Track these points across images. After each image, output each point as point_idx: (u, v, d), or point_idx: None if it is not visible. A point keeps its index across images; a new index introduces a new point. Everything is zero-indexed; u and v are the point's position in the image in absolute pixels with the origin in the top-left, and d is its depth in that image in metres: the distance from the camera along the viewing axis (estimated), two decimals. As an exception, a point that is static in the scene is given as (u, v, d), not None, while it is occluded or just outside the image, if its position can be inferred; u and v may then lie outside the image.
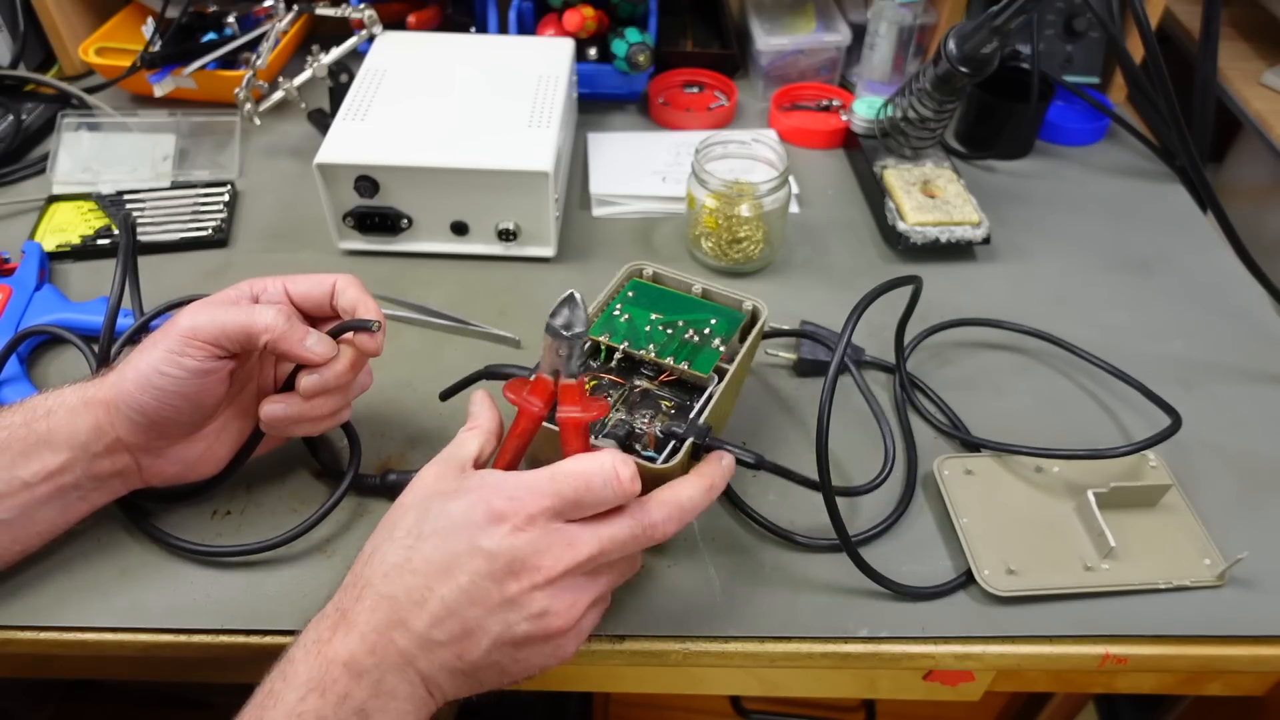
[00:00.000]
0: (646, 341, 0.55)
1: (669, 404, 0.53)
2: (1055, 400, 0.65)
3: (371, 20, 0.82)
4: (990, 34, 0.69)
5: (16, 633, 0.50)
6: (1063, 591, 0.52)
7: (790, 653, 0.51)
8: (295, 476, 0.57)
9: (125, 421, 0.48)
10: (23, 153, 0.83)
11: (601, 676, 0.59)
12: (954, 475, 0.58)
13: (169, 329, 0.47)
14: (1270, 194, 0.96)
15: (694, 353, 0.54)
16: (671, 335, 0.55)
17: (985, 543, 0.54)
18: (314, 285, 0.51)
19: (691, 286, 0.59)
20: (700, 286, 0.58)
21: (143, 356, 0.47)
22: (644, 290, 0.59)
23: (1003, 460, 0.59)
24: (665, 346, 0.55)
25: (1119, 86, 0.94)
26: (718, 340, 0.55)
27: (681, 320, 0.56)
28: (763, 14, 0.97)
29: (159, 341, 0.47)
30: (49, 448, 0.47)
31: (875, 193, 0.79)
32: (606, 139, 0.88)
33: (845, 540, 0.50)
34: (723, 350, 0.55)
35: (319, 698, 0.38)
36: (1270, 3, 1.00)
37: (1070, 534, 0.55)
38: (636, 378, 0.55)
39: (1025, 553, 0.54)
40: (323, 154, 0.69)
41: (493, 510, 0.41)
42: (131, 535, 0.53)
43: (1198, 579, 0.53)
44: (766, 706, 1.09)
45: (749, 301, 0.57)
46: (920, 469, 0.59)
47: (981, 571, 0.53)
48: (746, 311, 0.57)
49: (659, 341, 0.55)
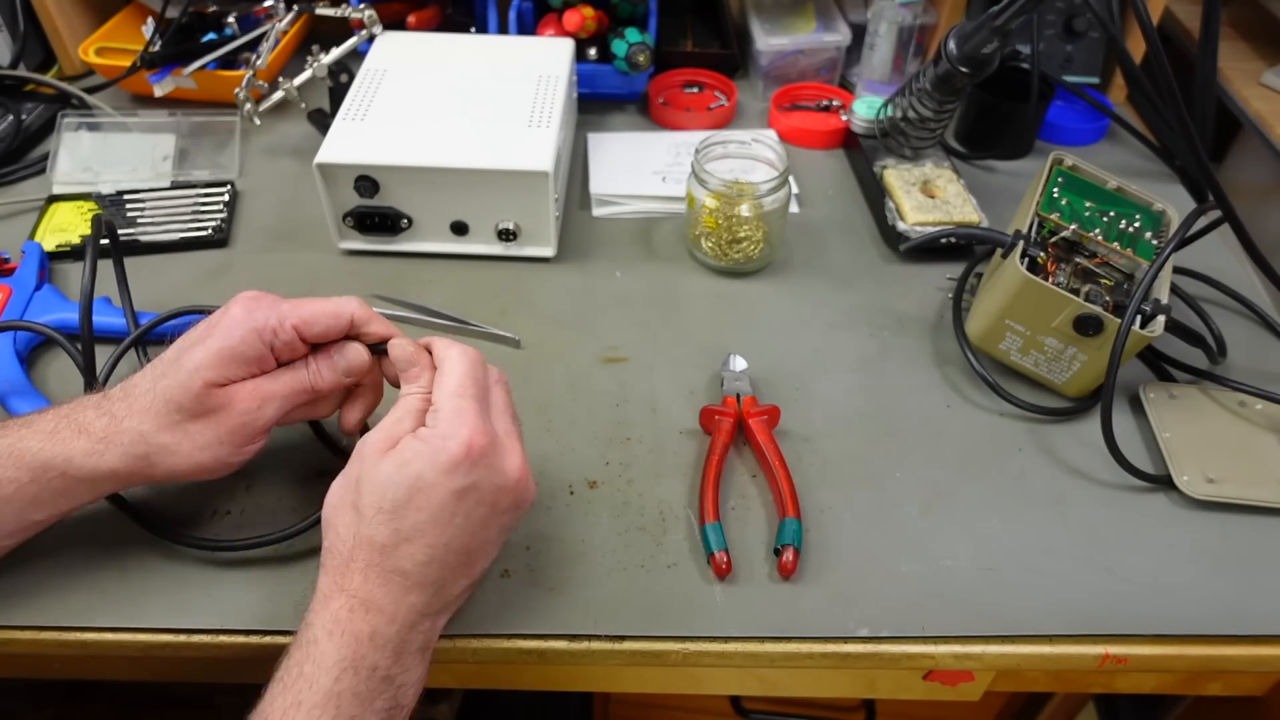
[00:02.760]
0: (1090, 226, 0.62)
1: (1107, 281, 0.61)
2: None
3: (371, 20, 0.82)
4: (990, 34, 0.69)
5: (16, 633, 0.50)
6: (1259, 504, 0.57)
7: (790, 653, 0.51)
8: (295, 476, 0.57)
9: (160, 482, 0.50)
10: (23, 153, 0.83)
11: (601, 676, 0.59)
12: (1159, 399, 0.63)
13: (228, 427, 0.46)
14: (1270, 194, 0.96)
15: (1133, 241, 0.62)
16: (1109, 223, 0.62)
17: (1185, 454, 0.59)
18: (327, 321, 0.48)
19: (1107, 182, 0.65)
20: (1115, 183, 0.65)
21: (202, 451, 0.46)
22: (1070, 180, 0.65)
23: (1207, 392, 0.64)
24: (1107, 232, 0.62)
25: (1119, 86, 0.94)
26: (1149, 234, 0.63)
27: (1113, 211, 0.63)
28: (763, 14, 0.97)
29: (223, 439, 0.46)
30: (66, 500, 0.47)
31: (875, 193, 0.79)
32: (606, 139, 0.88)
33: (1107, 409, 0.58)
34: (1156, 243, 0.62)
35: (353, 675, 0.40)
36: (1270, 3, 1.00)
37: (1270, 460, 0.60)
38: (1076, 255, 0.62)
39: (1224, 467, 0.58)
40: (323, 154, 0.69)
41: (451, 455, 0.43)
42: (132, 535, 0.53)
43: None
44: (766, 706, 1.09)
45: (1158, 204, 0.64)
46: (1124, 394, 0.65)
47: (1181, 477, 0.58)
48: (1159, 212, 0.64)
49: (1100, 227, 0.62)
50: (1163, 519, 0.57)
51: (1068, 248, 0.63)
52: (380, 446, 0.44)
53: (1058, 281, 0.59)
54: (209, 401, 0.46)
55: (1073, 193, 0.65)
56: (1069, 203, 0.64)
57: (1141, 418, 0.63)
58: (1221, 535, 0.56)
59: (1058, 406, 0.63)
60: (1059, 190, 0.65)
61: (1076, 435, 0.62)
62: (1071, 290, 0.59)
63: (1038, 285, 0.57)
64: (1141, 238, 0.63)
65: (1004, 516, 0.57)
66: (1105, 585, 0.53)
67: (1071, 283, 0.61)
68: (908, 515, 0.57)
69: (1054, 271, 0.61)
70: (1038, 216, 0.62)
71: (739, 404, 0.60)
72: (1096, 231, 0.62)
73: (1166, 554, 0.55)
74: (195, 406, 0.45)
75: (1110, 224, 0.63)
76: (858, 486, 0.58)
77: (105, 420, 0.46)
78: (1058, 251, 0.62)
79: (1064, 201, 0.64)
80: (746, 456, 0.60)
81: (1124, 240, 0.62)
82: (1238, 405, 0.63)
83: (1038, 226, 0.63)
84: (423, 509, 0.42)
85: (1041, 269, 0.61)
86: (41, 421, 0.46)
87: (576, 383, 0.64)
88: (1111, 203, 0.65)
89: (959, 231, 0.68)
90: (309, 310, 0.48)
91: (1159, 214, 0.65)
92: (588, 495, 0.57)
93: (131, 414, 0.46)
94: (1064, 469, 0.60)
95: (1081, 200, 0.64)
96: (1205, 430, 0.61)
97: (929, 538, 0.56)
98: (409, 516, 0.42)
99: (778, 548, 0.53)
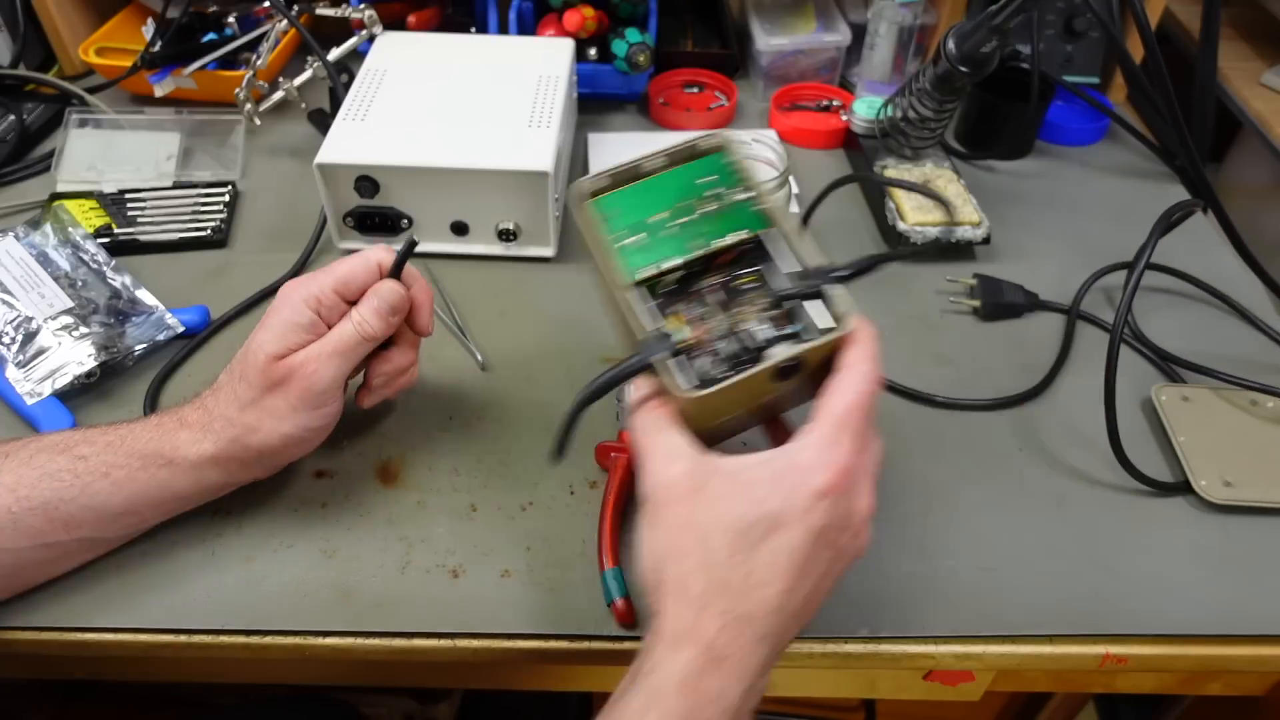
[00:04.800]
0: (685, 243, 0.46)
1: (748, 280, 0.47)
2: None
3: (371, 20, 0.82)
4: (990, 34, 0.69)
5: (16, 633, 0.50)
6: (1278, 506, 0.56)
7: (790, 653, 0.51)
8: (295, 477, 0.57)
9: (264, 468, 0.52)
10: (23, 152, 0.83)
11: (602, 676, 0.59)
12: (1171, 401, 0.62)
13: (297, 392, 0.49)
14: (1270, 194, 0.96)
15: (730, 217, 0.46)
16: (694, 220, 0.47)
17: (1202, 458, 0.58)
18: (361, 275, 0.52)
19: (640, 167, 0.48)
20: (649, 164, 0.48)
21: (283, 422, 0.50)
22: (620, 202, 0.47)
23: (1218, 392, 0.64)
24: (703, 233, 0.46)
25: (1119, 86, 0.94)
26: (736, 192, 0.47)
27: (685, 200, 0.47)
28: (763, 14, 0.97)
29: (295, 406, 0.50)
30: (170, 492, 0.50)
31: (875, 193, 0.79)
32: (606, 139, 0.88)
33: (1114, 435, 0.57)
34: (747, 195, 0.47)
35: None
36: (1270, 3, 1.00)
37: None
38: (699, 282, 0.47)
39: (1241, 470, 0.58)
40: (323, 154, 0.69)
41: (814, 490, 0.39)
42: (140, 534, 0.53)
43: None
44: (766, 706, 1.09)
45: (705, 139, 0.48)
46: (1136, 397, 0.64)
47: (1199, 482, 0.57)
48: (713, 147, 0.48)
49: (692, 235, 0.46)
50: (1163, 519, 0.57)
51: (683, 285, 0.47)
52: (697, 475, 0.40)
53: (715, 350, 0.45)
54: (275, 374, 0.49)
55: (638, 216, 0.47)
56: (645, 237, 0.46)
57: (1153, 419, 0.63)
58: (1222, 535, 0.56)
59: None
60: (617, 221, 0.46)
61: (1076, 435, 0.62)
62: (731, 335, 0.45)
63: (717, 394, 0.42)
64: (732, 199, 0.47)
65: (1004, 516, 0.57)
66: (1105, 585, 0.53)
67: (731, 324, 0.46)
68: (908, 515, 0.57)
69: (705, 341, 0.45)
70: (636, 289, 0.44)
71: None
72: (695, 244, 0.45)
73: (1167, 554, 0.55)
74: (264, 381, 0.49)
75: (696, 219, 0.46)
76: (858, 486, 0.58)
77: (200, 413, 0.50)
78: (683, 304, 0.46)
79: (634, 241, 0.46)
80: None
81: (722, 223, 0.46)
82: (1249, 404, 0.63)
83: (649, 298, 0.45)
84: (779, 550, 0.38)
85: (693, 348, 0.45)
86: (147, 420, 0.51)
87: (577, 383, 0.63)
88: (678, 185, 0.47)
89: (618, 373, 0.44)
90: (342, 270, 0.52)
91: (717, 151, 0.48)
92: (588, 495, 0.57)
93: (219, 403, 0.50)
94: (1064, 469, 0.60)
95: (641, 214, 0.46)
96: (1220, 432, 0.61)
97: (929, 538, 0.55)
98: (762, 557, 0.38)
99: None
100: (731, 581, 0.38)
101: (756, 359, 0.44)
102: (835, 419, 0.40)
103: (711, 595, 0.38)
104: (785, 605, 0.39)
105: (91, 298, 0.66)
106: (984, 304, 0.70)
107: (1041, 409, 0.64)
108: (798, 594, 0.39)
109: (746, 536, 0.39)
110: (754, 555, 0.38)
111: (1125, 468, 0.57)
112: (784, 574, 0.38)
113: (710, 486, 0.40)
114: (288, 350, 0.50)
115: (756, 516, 0.39)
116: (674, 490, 0.40)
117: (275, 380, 0.49)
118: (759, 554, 0.38)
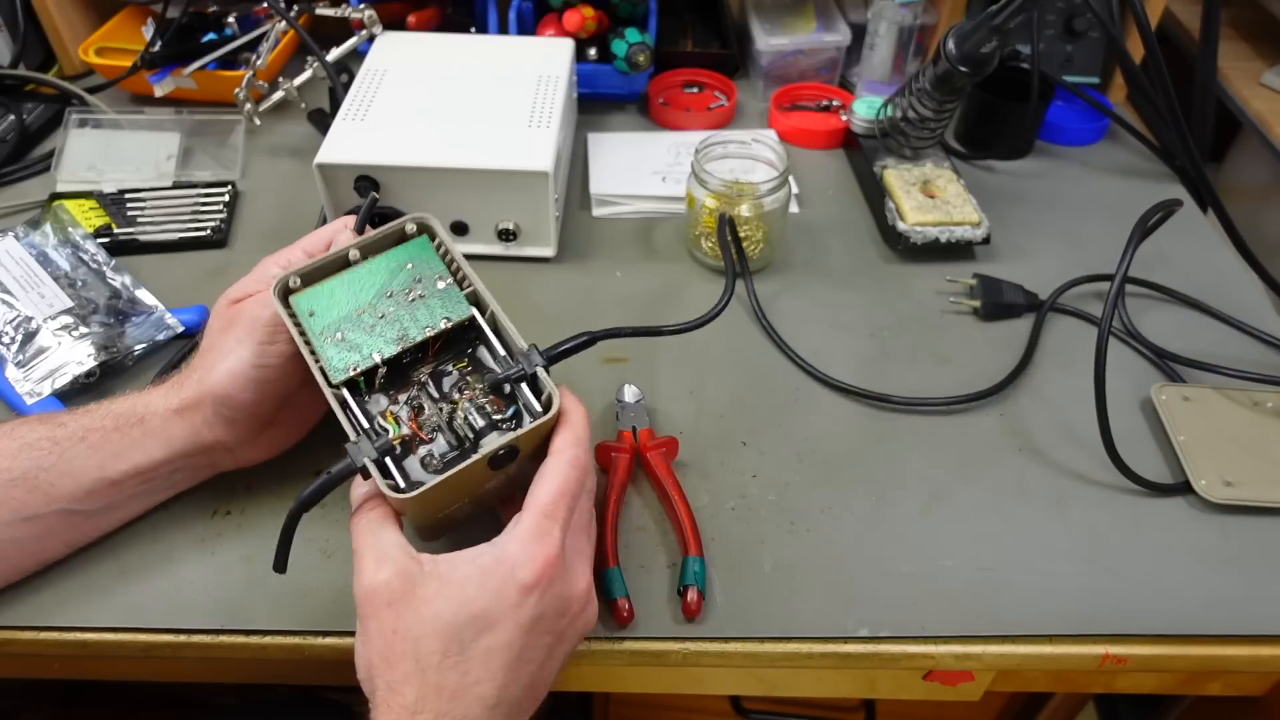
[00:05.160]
0: (389, 337, 0.46)
1: (462, 364, 0.48)
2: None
3: (371, 20, 0.82)
4: (989, 33, 0.69)
5: (16, 633, 0.50)
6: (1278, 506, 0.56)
7: (790, 653, 0.51)
8: (295, 477, 0.57)
9: (223, 422, 0.50)
10: (24, 152, 0.83)
11: (601, 676, 0.59)
12: (1171, 400, 0.62)
13: (244, 324, 0.49)
14: (1270, 194, 0.96)
15: (434, 306, 0.47)
16: (394, 312, 0.46)
17: (1202, 457, 0.58)
18: (328, 237, 0.52)
19: (347, 256, 0.48)
20: (352, 251, 0.48)
21: (229, 355, 0.49)
22: (317, 300, 0.46)
23: (1220, 391, 0.63)
24: (405, 325, 0.46)
25: (1119, 86, 0.94)
26: (436, 278, 0.48)
27: (388, 291, 0.47)
28: (763, 14, 0.97)
29: (241, 338, 0.48)
30: (142, 451, 0.49)
31: (875, 193, 0.79)
32: (606, 139, 0.88)
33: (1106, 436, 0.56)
34: (449, 281, 0.48)
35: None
36: (1270, 3, 1.00)
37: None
38: (416, 371, 0.48)
39: (1241, 469, 0.58)
40: (323, 154, 0.69)
41: (521, 585, 0.40)
42: (132, 535, 0.53)
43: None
44: (766, 706, 1.09)
45: (409, 223, 0.49)
46: (1136, 397, 0.64)
47: (1199, 481, 0.57)
48: (416, 233, 0.49)
49: (397, 327, 0.46)
50: (1163, 519, 0.57)
51: (400, 374, 0.47)
52: (401, 585, 0.40)
53: (431, 442, 0.45)
54: (229, 314, 0.50)
55: (336, 314, 0.46)
56: (343, 336, 0.45)
57: (1153, 419, 0.63)
58: (1221, 535, 0.56)
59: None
60: (325, 330, 0.46)
61: (1076, 435, 0.62)
62: (448, 426, 0.46)
63: (430, 492, 0.42)
64: (434, 287, 0.47)
65: (1004, 516, 0.57)
66: (1105, 585, 0.53)
67: (449, 413, 0.47)
68: (908, 515, 0.57)
69: (420, 435, 0.45)
70: (345, 389, 0.45)
71: (635, 437, 0.58)
72: (398, 337, 0.46)
73: (1166, 554, 0.55)
74: (220, 323, 0.50)
75: (397, 312, 0.46)
76: (858, 486, 0.58)
77: (176, 374, 0.51)
78: (401, 394, 0.47)
79: (339, 337, 0.45)
80: (646, 491, 0.58)
81: (427, 311, 0.46)
82: (1251, 404, 0.63)
83: (362, 393, 0.46)
84: (492, 650, 0.39)
85: (410, 441, 0.46)
86: (131, 391, 0.51)
87: (576, 383, 0.63)
88: (378, 277, 0.47)
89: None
90: (313, 236, 0.52)
91: (422, 235, 0.49)
92: (588, 495, 0.57)
93: (194, 360, 0.51)
94: (1064, 469, 0.60)
95: (340, 310, 0.46)
96: (1221, 431, 0.61)
97: (929, 538, 0.56)
98: (476, 657, 0.39)
99: (681, 588, 0.51)
100: (445, 685, 0.38)
101: (473, 449, 0.45)
102: (541, 509, 0.41)
103: (426, 701, 0.38)
104: (505, 698, 0.39)
105: (91, 298, 0.66)
106: (984, 304, 0.70)
107: (1042, 409, 0.64)
108: (517, 685, 0.40)
109: (459, 638, 0.39)
110: (467, 656, 0.39)
111: (1118, 467, 0.57)
112: (499, 670, 0.39)
113: (419, 590, 0.40)
114: (245, 295, 0.50)
115: (467, 618, 0.39)
116: (380, 596, 0.40)
117: (229, 320, 0.50)
118: (472, 654, 0.39)
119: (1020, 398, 0.65)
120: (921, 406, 0.63)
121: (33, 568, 0.50)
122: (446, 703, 0.38)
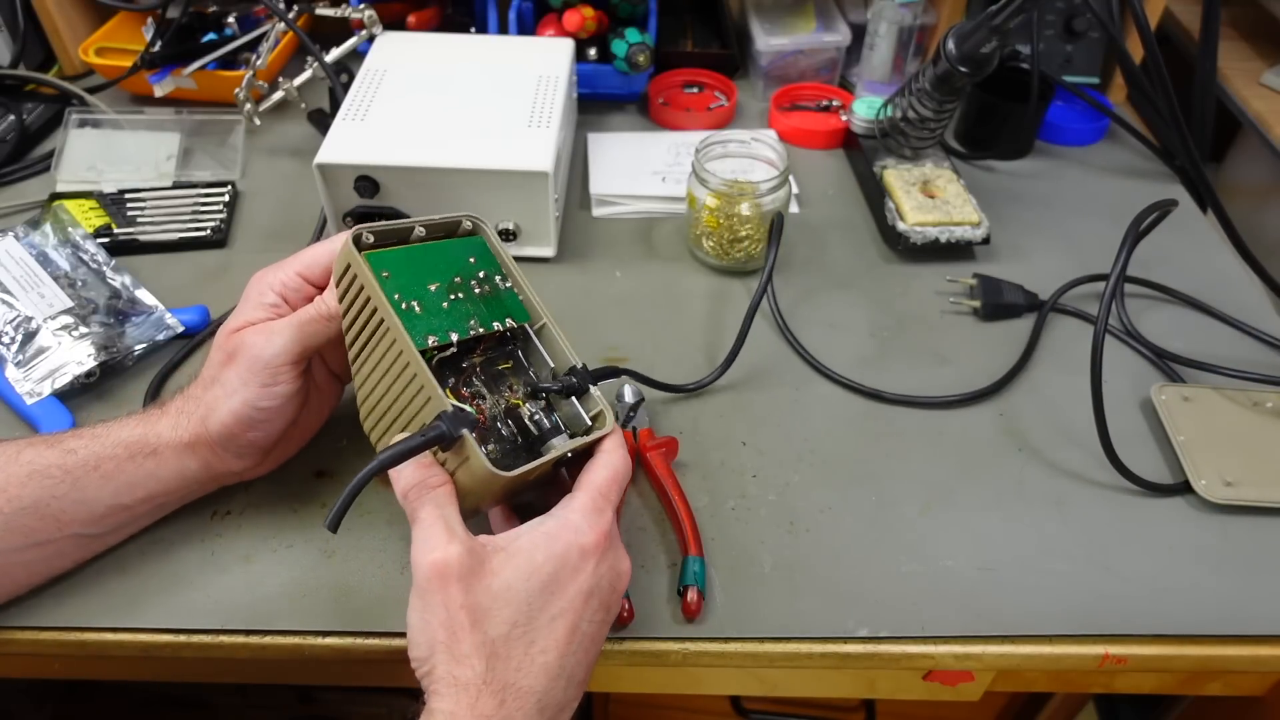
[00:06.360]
0: (461, 322, 0.46)
1: (505, 365, 0.49)
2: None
3: (371, 20, 0.82)
4: (989, 34, 0.69)
5: (16, 633, 0.50)
6: (1278, 506, 0.56)
7: (790, 653, 0.51)
8: (295, 477, 0.57)
9: (233, 456, 0.51)
10: (24, 152, 0.83)
11: (601, 676, 0.59)
12: (1171, 400, 0.62)
13: (245, 363, 0.48)
14: (1270, 194, 0.96)
15: (501, 303, 0.48)
16: (463, 297, 0.47)
17: (1202, 458, 0.58)
18: (325, 259, 0.51)
19: (412, 229, 0.48)
20: (418, 228, 0.48)
21: (233, 396, 0.48)
22: (392, 263, 0.46)
23: (1220, 392, 0.63)
24: (478, 314, 0.47)
25: (1119, 86, 0.94)
26: (498, 277, 0.49)
27: (456, 276, 0.48)
28: (763, 14, 0.97)
29: (245, 379, 0.48)
30: (157, 481, 0.50)
31: (875, 193, 0.79)
32: (606, 139, 0.88)
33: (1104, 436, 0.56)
34: (509, 284, 0.49)
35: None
36: (1270, 3, 1.00)
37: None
38: (465, 360, 0.48)
39: (1241, 469, 0.58)
40: (323, 154, 0.68)
41: (583, 548, 0.42)
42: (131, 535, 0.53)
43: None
44: (766, 706, 1.09)
45: (465, 219, 0.50)
46: (1136, 397, 0.64)
47: (1199, 481, 0.57)
48: (469, 231, 0.51)
49: (466, 314, 0.47)
50: (1163, 519, 0.57)
51: (450, 361, 0.48)
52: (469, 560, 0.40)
53: (498, 431, 0.47)
54: (228, 346, 0.49)
55: (411, 281, 0.46)
56: (421, 305, 0.45)
57: (1153, 419, 0.63)
58: (1221, 535, 0.56)
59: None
60: (400, 295, 0.45)
61: (1076, 435, 0.62)
62: (506, 419, 0.48)
63: (515, 477, 0.43)
64: (498, 287, 0.49)
65: (1004, 516, 0.57)
66: (1105, 585, 0.53)
67: (505, 407, 0.48)
68: (907, 515, 0.57)
69: (485, 423, 0.47)
70: (425, 358, 0.44)
71: (635, 437, 0.58)
72: (472, 324, 0.46)
73: (1166, 554, 0.55)
74: (220, 356, 0.50)
75: (466, 297, 0.47)
76: (857, 486, 0.58)
77: (181, 400, 0.51)
78: (454, 380, 0.47)
79: (415, 306, 0.45)
80: (646, 491, 0.58)
81: (492, 307, 0.48)
82: (1251, 405, 0.63)
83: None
84: (557, 615, 0.41)
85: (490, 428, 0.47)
86: (134, 413, 0.51)
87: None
88: (446, 259, 0.48)
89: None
90: (307, 255, 0.51)
91: (476, 234, 0.51)
92: (587, 495, 0.57)
93: (195, 388, 0.51)
94: (1064, 469, 0.60)
95: (416, 281, 0.46)
96: (1220, 431, 0.61)
97: (928, 538, 0.56)
98: (541, 624, 0.41)
99: (680, 588, 0.51)
100: (513, 656, 0.40)
101: (534, 446, 0.47)
102: (597, 488, 0.45)
103: (495, 672, 0.39)
104: (565, 667, 0.41)
105: (91, 298, 0.66)
106: (984, 304, 0.70)
107: (1042, 409, 0.64)
108: (572, 657, 0.41)
109: (529, 608, 0.40)
110: (534, 625, 0.40)
111: (1116, 467, 0.57)
112: (562, 638, 0.41)
113: (488, 563, 0.41)
114: (245, 324, 0.50)
115: (538, 586, 0.41)
116: (452, 569, 0.40)
117: (229, 352, 0.49)
118: (538, 623, 0.40)
119: (1020, 398, 0.65)
120: (921, 406, 0.63)
121: (40, 583, 0.50)
122: (513, 674, 0.39)
